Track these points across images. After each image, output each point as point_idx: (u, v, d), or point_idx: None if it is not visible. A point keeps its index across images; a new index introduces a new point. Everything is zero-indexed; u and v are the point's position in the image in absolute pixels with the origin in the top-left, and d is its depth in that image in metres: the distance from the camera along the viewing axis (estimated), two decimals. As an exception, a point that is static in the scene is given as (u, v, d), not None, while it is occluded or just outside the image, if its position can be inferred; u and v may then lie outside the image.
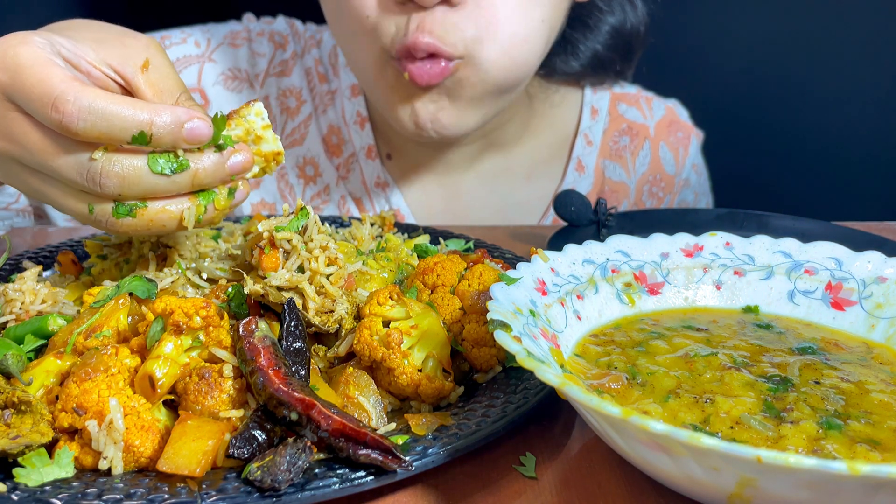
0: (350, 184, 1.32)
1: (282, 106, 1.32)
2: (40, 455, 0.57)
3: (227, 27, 1.34)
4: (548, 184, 1.37)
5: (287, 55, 1.33)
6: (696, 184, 1.48)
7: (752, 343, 0.69)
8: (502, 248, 0.98)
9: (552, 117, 1.38)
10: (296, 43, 1.35)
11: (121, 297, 0.68)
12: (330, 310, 0.68)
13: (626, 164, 1.40)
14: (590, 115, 1.38)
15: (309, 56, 1.34)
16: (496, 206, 1.35)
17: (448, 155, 1.31)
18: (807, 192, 1.81)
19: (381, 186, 1.31)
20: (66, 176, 0.65)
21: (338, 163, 1.31)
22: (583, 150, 1.37)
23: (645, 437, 0.49)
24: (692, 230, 0.80)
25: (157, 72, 0.70)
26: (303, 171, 1.32)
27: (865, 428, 0.57)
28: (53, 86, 0.62)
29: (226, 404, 0.60)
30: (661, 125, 1.43)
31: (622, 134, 1.40)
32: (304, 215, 0.70)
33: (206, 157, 0.67)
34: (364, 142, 1.30)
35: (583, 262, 0.74)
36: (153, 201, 0.67)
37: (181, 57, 1.29)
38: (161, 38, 1.29)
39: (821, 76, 1.76)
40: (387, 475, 0.56)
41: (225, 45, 1.31)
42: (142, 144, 0.64)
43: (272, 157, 0.74)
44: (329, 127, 1.32)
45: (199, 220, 0.69)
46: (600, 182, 1.39)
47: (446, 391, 0.67)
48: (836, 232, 1.07)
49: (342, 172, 1.31)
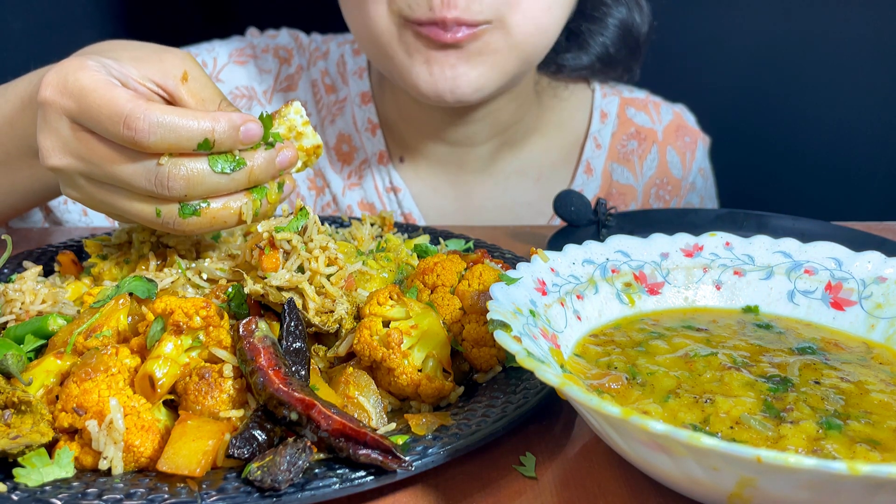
0: (362, 190, 1.33)
1: None
2: (40, 455, 0.57)
3: (231, 44, 1.35)
4: (557, 185, 1.39)
5: (292, 69, 1.35)
6: (703, 188, 1.50)
7: (752, 343, 0.69)
8: (502, 248, 0.98)
9: (562, 117, 1.40)
10: (300, 56, 1.36)
11: (121, 297, 0.69)
12: (330, 310, 0.68)
13: (633, 168, 1.42)
14: (599, 118, 1.40)
15: (315, 68, 1.35)
16: (507, 206, 1.36)
17: (463, 156, 1.32)
18: (807, 192, 1.82)
19: (392, 191, 1.32)
20: (135, 184, 0.69)
21: (349, 170, 1.32)
22: (592, 152, 1.39)
23: (645, 437, 0.49)
24: (692, 230, 0.80)
25: (196, 82, 0.76)
26: (313, 182, 1.34)
27: (865, 428, 0.57)
28: (121, 105, 0.67)
29: (226, 404, 0.60)
30: (669, 129, 1.45)
31: (630, 138, 1.42)
32: (304, 216, 0.70)
33: (259, 154, 0.72)
34: (375, 148, 1.32)
35: (583, 262, 0.74)
36: (214, 200, 0.72)
37: None
38: None
39: (820, 76, 1.76)
40: (387, 475, 0.56)
41: (231, 64, 1.32)
42: (206, 150, 0.69)
43: (313, 151, 0.79)
44: (339, 136, 1.33)
45: (256, 213, 0.74)
46: (608, 184, 1.41)
47: (446, 391, 0.67)
48: (836, 232, 1.07)
49: (353, 180, 1.33)
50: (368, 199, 1.33)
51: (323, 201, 1.35)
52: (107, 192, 0.72)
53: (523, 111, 1.32)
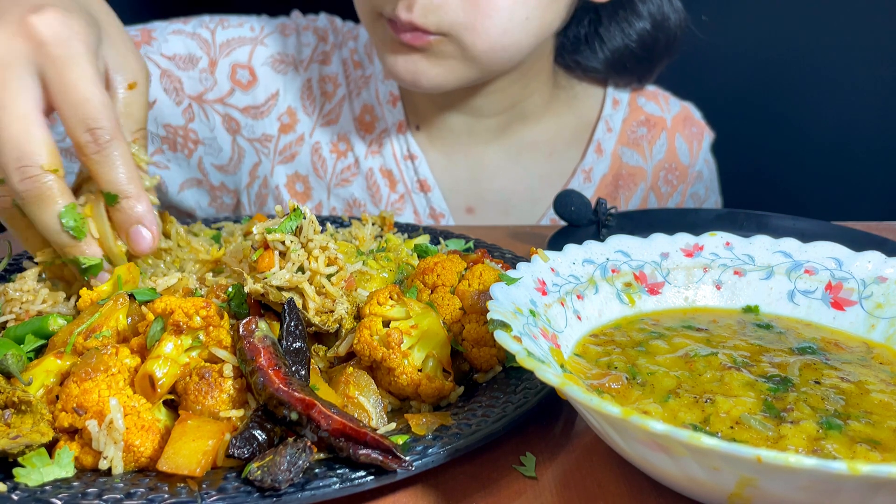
0: (381, 157, 1.41)
1: (321, 89, 1.43)
2: (40, 455, 0.56)
3: (278, 20, 1.46)
4: (568, 161, 1.44)
5: (328, 47, 1.45)
6: (708, 178, 1.55)
7: (752, 343, 0.69)
8: (502, 248, 0.98)
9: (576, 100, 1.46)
10: (335, 36, 1.47)
11: (120, 296, 0.68)
12: (330, 310, 0.68)
13: (643, 151, 1.47)
14: (612, 104, 1.46)
15: (346, 48, 1.45)
16: (519, 176, 1.42)
17: (473, 126, 1.38)
18: (807, 192, 1.82)
19: (409, 159, 1.40)
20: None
21: (370, 139, 1.41)
22: (603, 134, 1.44)
23: (645, 437, 0.49)
24: (692, 230, 0.80)
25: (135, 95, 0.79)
26: (336, 146, 1.41)
27: (865, 428, 0.57)
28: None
29: (226, 404, 0.60)
30: (678, 119, 1.50)
31: (640, 125, 1.47)
32: (298, 216, 0.70)
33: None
34: (395, 118, 1.39)
35: (583, 262, 0.74)
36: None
37: (236, 37, 1.39)
38: (220, 20, 1.40)
39: (820, 76, 1.76)
40: (387, 475, 0.56)
41: (276, 34, 1.42)
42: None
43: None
44: (363, 107, 1.42)
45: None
46: (617, 165, 1.45)
47: (446, 391, 0.66)
48: (836, 232, 1.07)
49: (374, 147, 1.40)
50: (387, 166, 1.40)
51: (343, 164, 1.42)
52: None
53: (533, 89, 1.37)
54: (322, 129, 1.41)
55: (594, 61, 1.38)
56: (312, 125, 1.41)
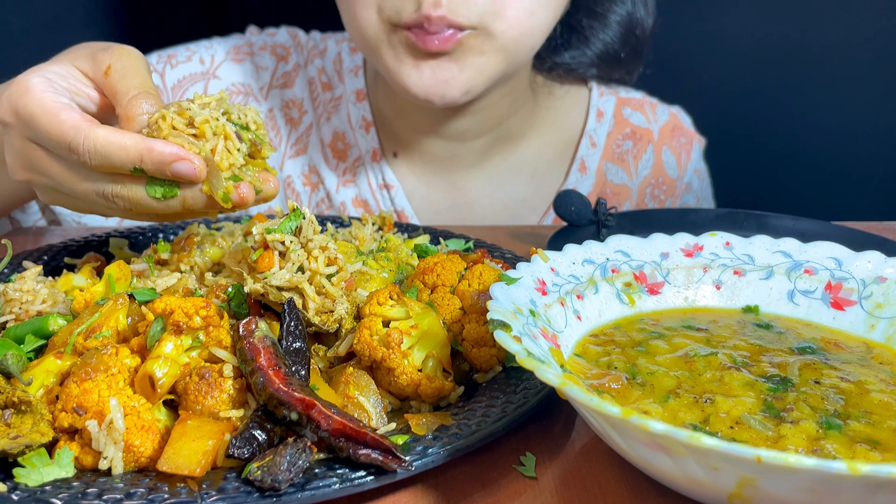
0: (356, 187, 1.35)
1: (286, 117, 1.36)
2: (40, 455, 0.57)
3: (230, 42, 1.38)
4: (551, 183, 1.39)
5: (289, 67, 1.37)
6: (699, 189, 1.51)
7: (752, 343, 0.69)
8: (502, 248, 0.98)
9: (558, 115, 1.41)
10: (298, 54, 1.39)
11: (120, 296, 0.68)
12: (330, 310, 0.68)
13: (627, 168, 1.43)
14: (595, 117, 1.41)
15: (312, 66, 1.37)
16: (501, 202, 1.37)
17: (456, 150, 1.33)
18: (807, 192, 1.82)
19: (385, 188, 1.34)
20: (89, 198, 0.76)
21: (344, 167, 1.34)
22: (587, 151, 1.40)
23: (645, 437, 0.49)
24: (692, 230, 0.80)
25: (116, 74, 0.78)
26: (308, 178, 1.36)
27: (865, 428, 0.57)
28: (64, 132, 0.72)
29: (226, 404, 0.60)
30: (665, 130, 1.46)
31: (626, 138, 1.43)
32: (297, 216, 0.70)
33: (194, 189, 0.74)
34: (369, 145, 1.34)
35: (583, 262, 0.74)
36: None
37: (187, 75, 1.34)
38: (168, 56, 1.34)
39: (820, 76, 1.76)
40: (387, 475, 0.56)
41: (228, 61, 1.35)
42: (141, 174, 0.73)
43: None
44: (334, 133, 1.35)
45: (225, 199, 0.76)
46: (602, 183, 1.41)
47: (446, 391, 0.67)
48: (836, 232, 1.07)
49: (348, 177, 1.34)
50: (362, 196, 1.34)
51: (317, 197, 1.36)
52: (73, 200, 0.78)
53: (517, 106, 1.33)
54: (292, 161, 1.35)
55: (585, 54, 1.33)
56: (281, 158, 1.35)
